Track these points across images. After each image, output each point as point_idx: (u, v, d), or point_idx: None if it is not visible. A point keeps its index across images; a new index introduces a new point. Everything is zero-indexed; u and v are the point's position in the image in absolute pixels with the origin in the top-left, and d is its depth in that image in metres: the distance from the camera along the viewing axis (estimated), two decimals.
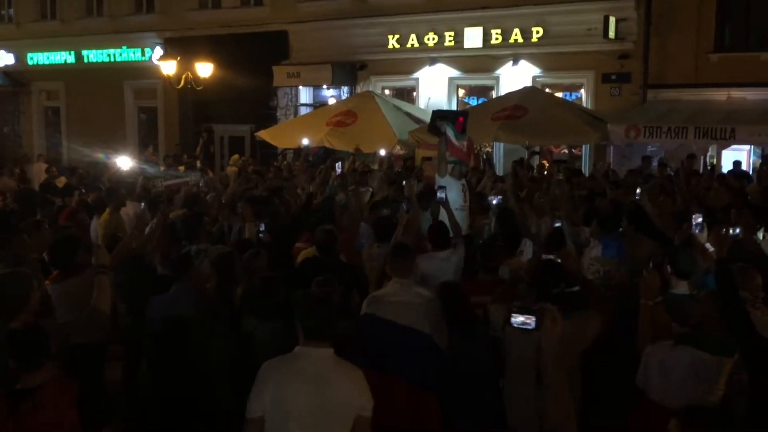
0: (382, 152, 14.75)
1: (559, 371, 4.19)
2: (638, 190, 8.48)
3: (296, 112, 20.84)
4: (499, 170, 15.13)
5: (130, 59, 23.75)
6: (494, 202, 8.51)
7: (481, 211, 8.46)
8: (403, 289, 4.58)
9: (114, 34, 23.60)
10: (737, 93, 15.62)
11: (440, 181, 8.08)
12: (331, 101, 20.02)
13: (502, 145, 16.88)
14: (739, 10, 16.17)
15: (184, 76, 17.96)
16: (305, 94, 21.43)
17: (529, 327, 3.75)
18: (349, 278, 5.75)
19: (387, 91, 19.85)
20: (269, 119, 20.36)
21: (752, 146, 15.29)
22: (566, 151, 17.86)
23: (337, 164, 14.32)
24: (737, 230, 4.94)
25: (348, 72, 19.83)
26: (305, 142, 15.09)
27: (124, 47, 23.74)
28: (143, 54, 23.19)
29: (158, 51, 21.60)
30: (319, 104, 20.79)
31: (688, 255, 5.18)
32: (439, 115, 9.14)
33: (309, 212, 7.78)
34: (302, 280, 5.66)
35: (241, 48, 20.24)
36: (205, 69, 18.06)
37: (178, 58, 17.97)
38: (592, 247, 6.72)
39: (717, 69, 15.99)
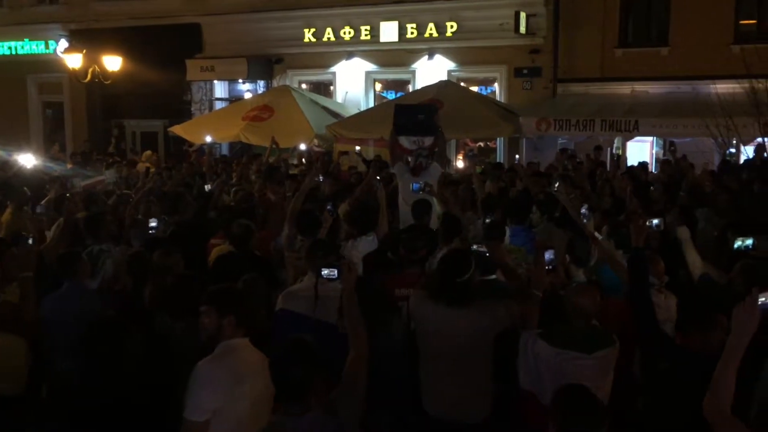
0: (303, 147, 14.66)
1: (476, 357, 4.25)
2: (557, 184, 8.72)
3: (211, 107, 20.43)
4: None
5: (33, 52, 22.65)
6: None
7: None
8: (320, 284, 4.57)
9: (16, 25, 22.44)
10: (640, 87, 16.34)
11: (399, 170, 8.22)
12: (247, 95, 19.72)
13: None
14: (641, 6, 16.92)
15: (90, 70, 17.27)
16: (220, 89, 21.03)
17: (333, 277, 3.92)
18: (265, 273, 5.68)
19: (304, 85, 19.71)
20: (183, 114, 19.88)
21: (655, 138, 16.00)
22: (481, 144, 18.26)
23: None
24: (655, 221, 5.17)
25: (264, 66, 19.60)
26: (208, 139, 14.84)
27: (27, 39, 22.62)
28: (47, 46, 22.18)
29: (63, 43, 20.68)
30: (234, 99, 20.46)
31: (584, 244, 5.41)
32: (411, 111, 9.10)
33: (224, 209, 7.65)
34: (218, 277, 5.61)
35: (151, 41, 19.64)
36: (113, 62, 17.42)
37: (84, 51, 17.26)
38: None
39: (621, 63, 16.69)
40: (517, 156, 13.27)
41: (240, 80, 20.26)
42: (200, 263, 6.32)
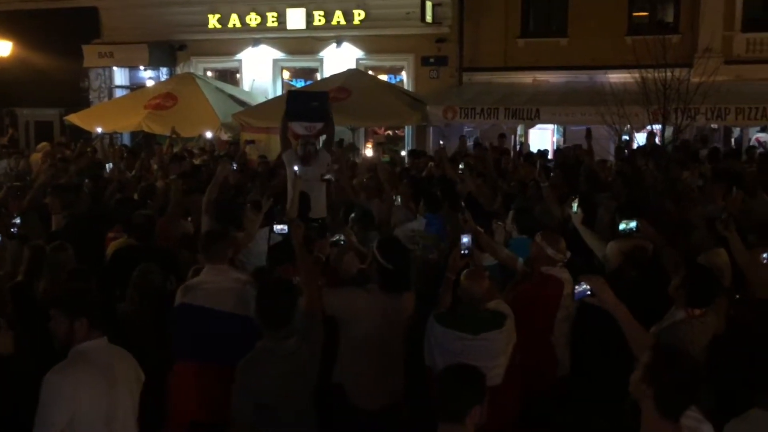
0: (208, 135, 14.34)
1: (393, 345, 4.31)
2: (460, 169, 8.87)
3: (111, 95, 19.66)
4: None
5: None
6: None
7: None
8: (219, 275, 4.51)
9: None
10: (542, 76, 16.89)
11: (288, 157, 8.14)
12: (149, 83, 19.10)
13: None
14: None
15: None
16: (120, 76, 20.25)
17: (284, 232, 4.48)
18: (168, 264, 5.55)
19: (209, 73, 19.29)
20: (81, 102, 18.99)
21: (555, 125, 16.58)
22: (389, 132, 18.39)
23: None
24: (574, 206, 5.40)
25: (166, 52, 19.01)
26: (99, 130, 14.31)
27: None
28: None
29: None
30: (136, 86, 19.74)
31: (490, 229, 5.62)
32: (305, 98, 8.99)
33: (123, 201, 7.40)
34: (117, 271, 5.44)
35: (45, 25, 18.66)
36: (2, 47, 16.50)
37: None
38: (418, 221, 6.96)
39: (524, 53, 17.18)
40: (441, 142, 13.38)
41: (141, 67, 19.61)
42: (96, 258, 6.12)
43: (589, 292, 3.14)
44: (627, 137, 13.21)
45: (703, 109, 10.95)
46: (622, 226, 4.92)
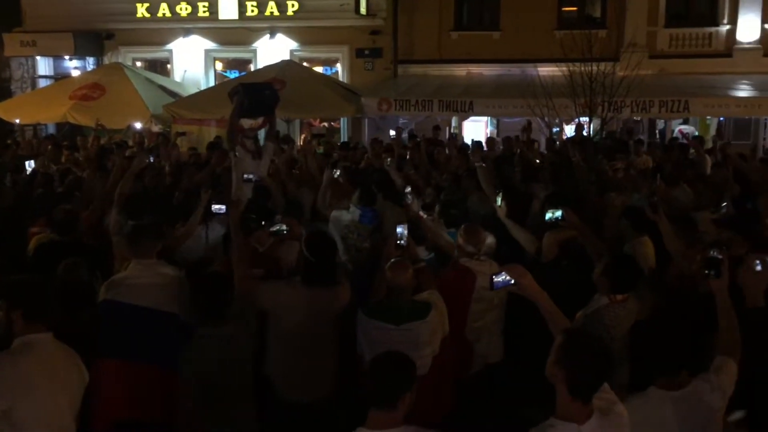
0: (138, 126, 13.95)
1: (323, 336, 4.29)
2: (388, 160, 8.91)
3: (34, 85, 18.92)
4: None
5: None
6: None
7: None
8: (146, 271, 4.39)
9: None
10: (475, 68, 17.11)
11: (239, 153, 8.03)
12: (75, 73, 18.44)
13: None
14: None
15: None
16: (44, 65, 19.49)
17: (221, 211, 4.66)
18: (93, 260, 5.38)
19: (138, 63, 18.79)
20: (2, 93, 18.25)
21: (489, 117, 16.82)
22: (325, 124, 18.32)
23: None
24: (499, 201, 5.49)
25: (93, 41, 18.42)
26: (17, 121, 13.79)
27: None
28: None
29: None
30: (60, 76, 19.03)
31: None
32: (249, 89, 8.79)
33: (45, 195, 7.15)
34: (40, 267, 5.24)
35: None
36: None
37: None
38: (351, 212, 6.96)
39: (457, 46, 17.37)
40: (392, 132, 13.38)
41: (66, 57, 18.92)
42: (19, 253, 5.89)
43: (511, 282, 3.14)
44: (558, 129, 13.57)
45: (628, 102, 11.32)
46: (548, 216, 5.02)
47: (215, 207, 4.91)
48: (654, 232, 5.38)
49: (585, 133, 10.76)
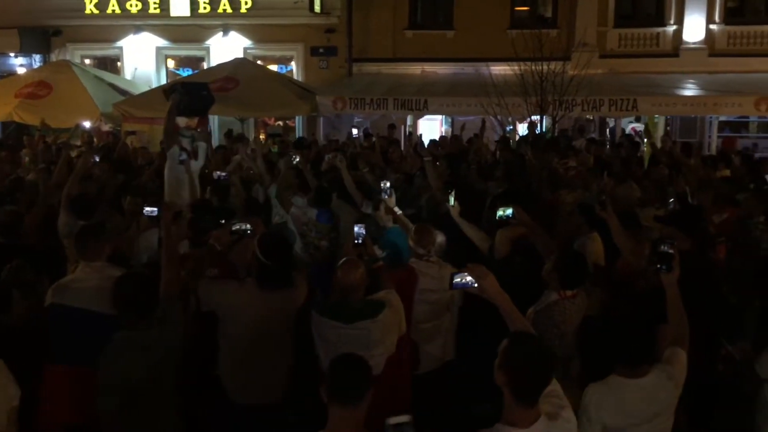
0: (87, 125, 13.62)
1: (278, 337, 4.25)
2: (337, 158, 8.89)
3: None
4: (215, 142, 14.86)
5: None
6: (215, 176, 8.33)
7: None
8: (93, 274, 4.30)
9: None
10: (430, 67, 17.20)
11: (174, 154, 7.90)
12: (21, 71, 17.92)
13: (216, 117, 16.57)
14: None
15: None
16: None
17: (153, 214, 4.62)
18: (38, 262, 5.23)
19: (87, 61, 18.39)
20: None
21: (444, 116, 16.93)
22: (280, 123, 18.20)
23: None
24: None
25: (39, 38, 17.95)
26: None
27: None
28: None
29: None
30: (5, 74, 18.43)
31: (373, 219, 5.67)
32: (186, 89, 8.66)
33: None
34: None
35: None
36: None
37: None
38: (307, 209, 6.94)
39: (412, 45, 17.44)
40: (355, 131, 13.31)
41: (11, 54, 18.37)
42: None
43: (472, 283, 3.10)
44: (511, 127, 13.76)
45: (579, 100, 11.53)
46: (499, 213, 5.07)
47: (147, 210, 4.84)
48: (604, 228, 5.49)
49: (537, 132, 10.95)
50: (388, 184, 5.91)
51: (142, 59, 18.07)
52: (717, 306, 4.84)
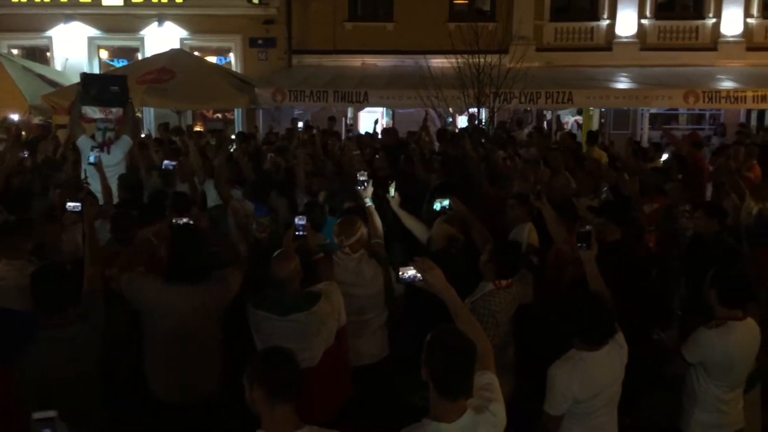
0: (15, 118, 13.11)
1: (204, 334, 4.16)
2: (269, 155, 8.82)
3: None
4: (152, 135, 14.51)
5: None
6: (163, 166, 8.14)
7: None
8: (13, 272, 4.16)
9: None
10: (370, 59, 17.19)
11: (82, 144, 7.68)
12: None
13: (152, 109, 16.20)
14: None
15: None
16: None
17: (77, 209, 4.52)
18: None
19: (15, 51, 17.66)
20: None
21: (384, 108, 16.94)
22: (219, 116, 17.91)
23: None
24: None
25: None
26: None
27: None
28: None
29: None
30: None
31: (318, 210, 5.65)
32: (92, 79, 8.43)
33: None
34: None
35: None
36: None
37: None
38: (245, 203, 6.85)
39: (352, 37, 17.38)
40: (301, 124, 13.12)
41: None
42: None
43: (418, 277, 3.08)
44: (451, 120, 13.87)
45: (516, 93, 11.69)
46: (436, 205, 5.12)
47: (70, 204, 4.71)
48: (539, 218, 5.59)
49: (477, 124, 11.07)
50: (365, 176, 5.89)
51: (72, 49, 17.48)
52: (647, 294, 5.00)
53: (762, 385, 4.69)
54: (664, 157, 9.86)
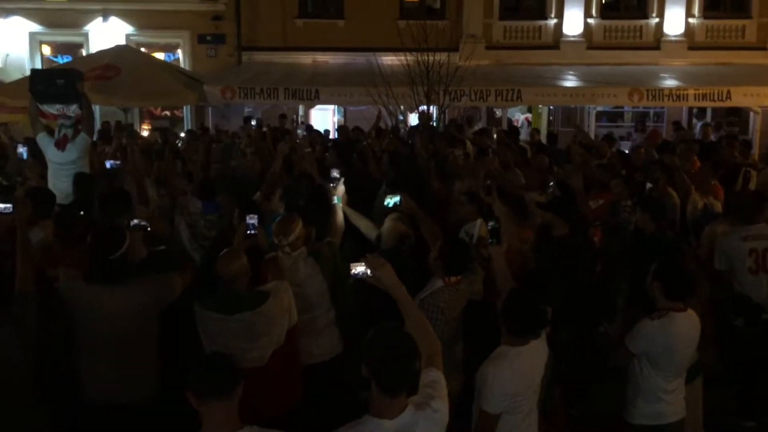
0: None
1: (138, 336, 4.06)
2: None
3: None
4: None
5: None
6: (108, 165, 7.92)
7: None
8: None
9: None
10: (321, 57, 17.12)
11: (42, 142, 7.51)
12: None
13: (97, 107, 15.79)
14: None
15: None
16: None
17: (8, 211, 4.32)
18: None
19: None
20: None
21: (336, 106, 16.90)
22: (167, 113, 17.61)
23: None
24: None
25: None
26: None
27: None
28: None
29: None
30: None
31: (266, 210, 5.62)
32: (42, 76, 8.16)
33: None
34: None
35: None
36: None
37: None
38: (192, 200, 6.77)
39: (303, 34, 17.29)
40: (254, 122, 12.92)
41: None
42: None
43: (368, 273, 3.09)
44: (402, 117, 13.90)
45: (466, 90, 11.80)
46: (386, 201, 5.13)
47: (1, 207, 4.41)
48: (491, 214, 5.64)
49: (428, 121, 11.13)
50: (336, 173, 5.81)
51: (13, 45, 16.98)
52: (593, 287, 5.11)
53: (703, 377, 4.84)
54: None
